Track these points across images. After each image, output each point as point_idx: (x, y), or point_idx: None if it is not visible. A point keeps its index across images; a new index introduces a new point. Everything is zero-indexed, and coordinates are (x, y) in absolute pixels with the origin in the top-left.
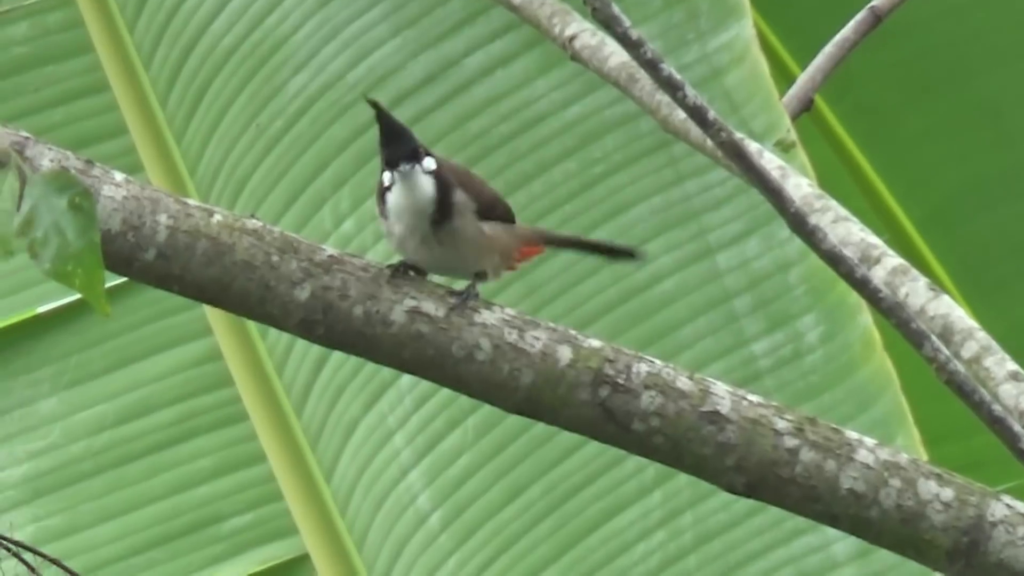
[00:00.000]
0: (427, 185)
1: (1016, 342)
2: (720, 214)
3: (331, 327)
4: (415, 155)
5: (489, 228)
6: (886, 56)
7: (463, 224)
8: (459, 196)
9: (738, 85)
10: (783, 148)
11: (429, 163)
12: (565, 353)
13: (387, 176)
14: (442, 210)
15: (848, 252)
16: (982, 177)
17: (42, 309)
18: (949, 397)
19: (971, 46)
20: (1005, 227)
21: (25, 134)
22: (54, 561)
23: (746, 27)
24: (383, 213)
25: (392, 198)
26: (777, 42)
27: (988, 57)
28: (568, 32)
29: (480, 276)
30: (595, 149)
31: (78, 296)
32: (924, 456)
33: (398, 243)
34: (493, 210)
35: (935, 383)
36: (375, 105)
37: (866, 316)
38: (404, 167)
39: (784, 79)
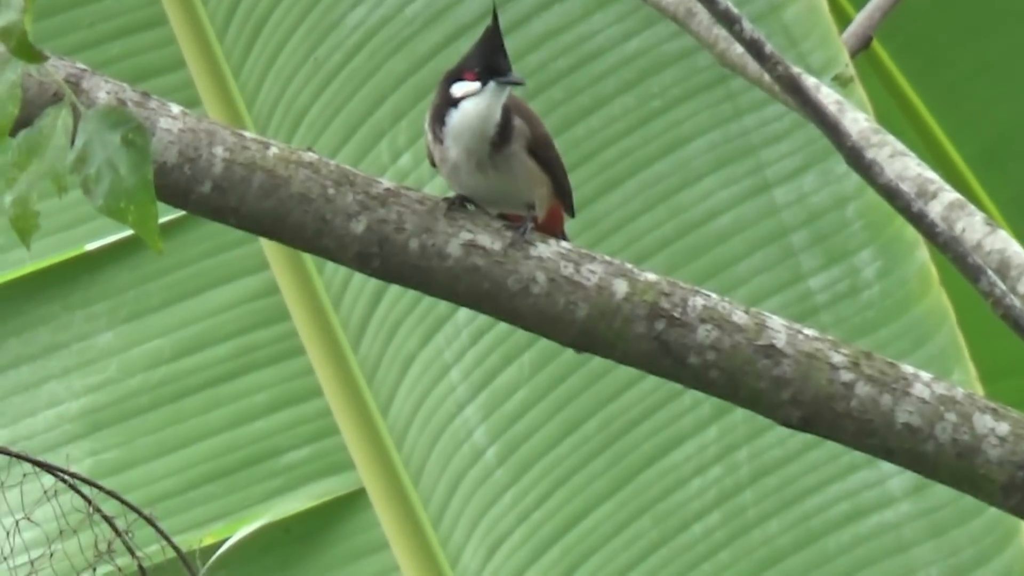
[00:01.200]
0: (498, 107)
1: None
2: (777, 149)
3: (387, 260)
4: (508, 74)
5: (535, 163)
6: None
7: (519, 149)
8: (518, 122)
9: (796, 20)
10: (841, 83)
11: (514, 77)
12: (621, 286)
13: (469, 86)
14: (502, 134)
15: (905, 187)
16: None
17: (98, 244)
18: (1006, 333)
19: None
20: None
21: (82, 66)
22: (111, 494)
23: None
24: (438, 136)
25: (460, 114)
26: None
27: None
28: None
29: (531, 208)
30: (653, 83)
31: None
32: (980, 391)
33: (451, 169)
34: (545, 149)
35: (992, 319)
36: (495, 12)
37: (923, 252)
38: (510, 76)
39: (840, 21)
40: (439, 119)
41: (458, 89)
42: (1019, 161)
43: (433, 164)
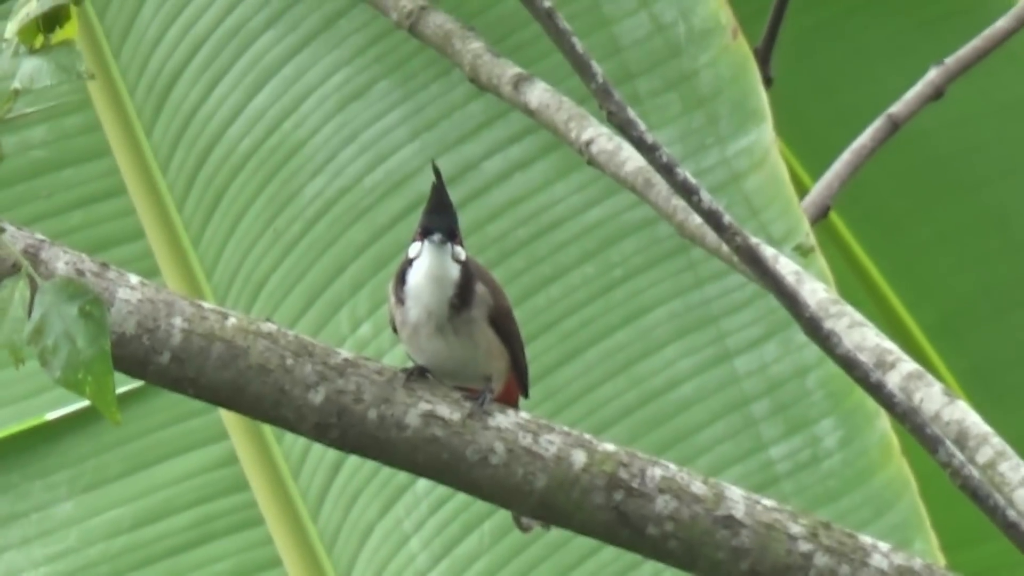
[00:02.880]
0: (453, 267)
1: None
2: (739, 318)
3: (345, 431)
4: (452, 234)
5: (495, 335)
6: (896, 165)
7: (480, 317)
8: (480, 289)
9: (758, 189)
10: (802, 253)
11: (460, 252)
12: (579, 457)
13: (415, 247)
14: (462, 296)
15: (863, 357)
16: (991, 285)
17: (59, 413)
18: (967, 503)
19: (980, 155)
20: (1015, 335)
21: (40, 237)
22: None
23: (766, 131)
24: (400, 297)
25: (413, 273)
26: (789, 153)
27: (996, 166)
28: (585, 136)
29: (488, 381)
30: (614, 253)
31: None
32: (942, 561)
33: (411, 331)
34: (506, 322)
35: (953, 489)
36: (436, 171)
37: (884, 421)
38: (437, 237)
39: (798, 190)
40: (401, 280)
41: (411, 250)
42: (977, 331)
43: (395, 329)
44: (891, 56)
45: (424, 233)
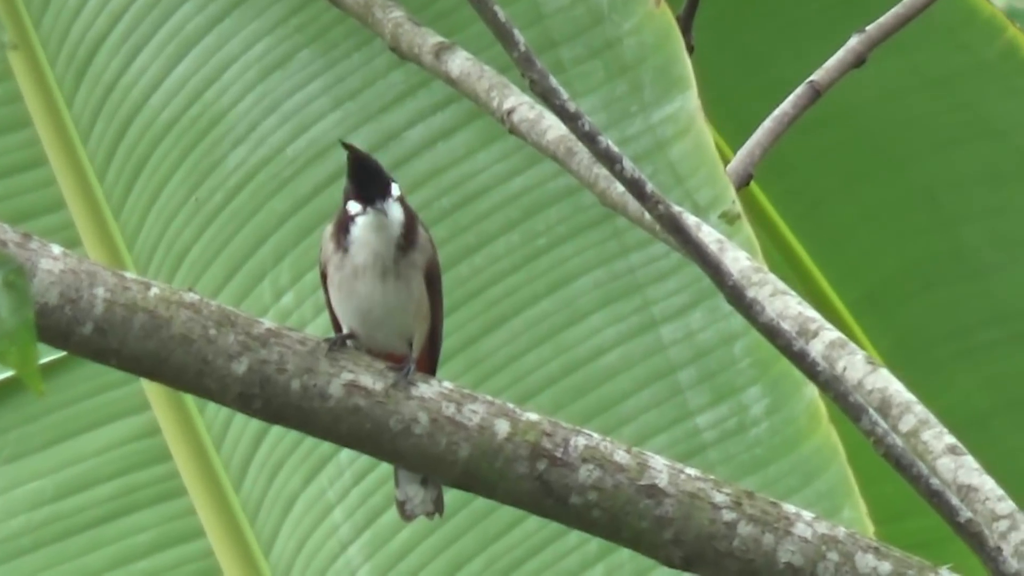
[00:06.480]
0: (397, 211)
1: (949, 425)
2: (664, 286)
3: (268, 401)
4: (386, 190)
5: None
6: (820, 141)
7: (420, 264)
8: (423, 234)
9: (683, 157)
10: (728, 220)
11: (395, 189)
12: (503, 427)
13: (355, 206)
14: (408, 236)
15: (786, 325)
16: (916, 261)
17: None
18: (896, 476)
19: (910, 130)
20: (939, 311)
21: None
22: None
23: (691, 99)
24: (342, 244)
25: (359, 226)
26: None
27: (923, 142)
28: (506, 105)
29: (409, 345)
30: (538, 221)
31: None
32: (871, 529)
33: (349, 275)
34: (435, 282)
35: (882, 462)
36: (347, 147)
37: (811, 389)
38: (379, 204)
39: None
40: (344, 230)
41: (351, 207)
42: (903, 307)
43: (323, 279)
44: (815, 27)
45: (366, 201)
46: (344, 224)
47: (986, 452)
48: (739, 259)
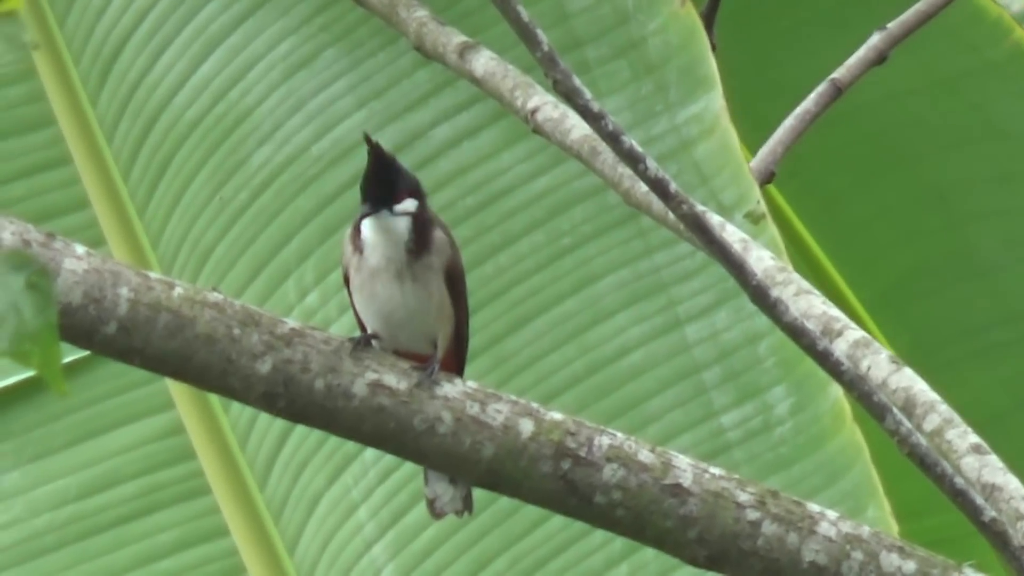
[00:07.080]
0: (401, 222)
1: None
2: (689, 286)
3: (292, 400)
4: (393, 193)
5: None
6: (834, 140)
7: (438, 266)
8: (439, 235)
9: (708, 157)
10: (753, 220)
11: (408, 205)
12: (527, 426)
13: (364, 208)
14: (420, 241)
15: (810, 325)
16: (930, 260)
17: (4, 384)
18: (919, 473)
19: (918, 131)
20: (953, 310)
21: None
22: None
23: (716, 99)
24: (358, 246)
25: (366, 228)
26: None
27: (935, 142)
28: (530, 105)
29: (433, 345)
30: (563, 221)
31: None
32: (895, 528)
33: (368, 277)
34: (457, 283)
35: (905, 459)
36: (370, 141)
37: (836, 388)
38: (383, 207)
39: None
40: (358, 231)
41: (361, 209)
42: (917, 305)
43: (347, 282)
44: (834, 27)
45: (371, 203)
46: (358, 226)
47: (1002, 451)
48: (763, 258)
